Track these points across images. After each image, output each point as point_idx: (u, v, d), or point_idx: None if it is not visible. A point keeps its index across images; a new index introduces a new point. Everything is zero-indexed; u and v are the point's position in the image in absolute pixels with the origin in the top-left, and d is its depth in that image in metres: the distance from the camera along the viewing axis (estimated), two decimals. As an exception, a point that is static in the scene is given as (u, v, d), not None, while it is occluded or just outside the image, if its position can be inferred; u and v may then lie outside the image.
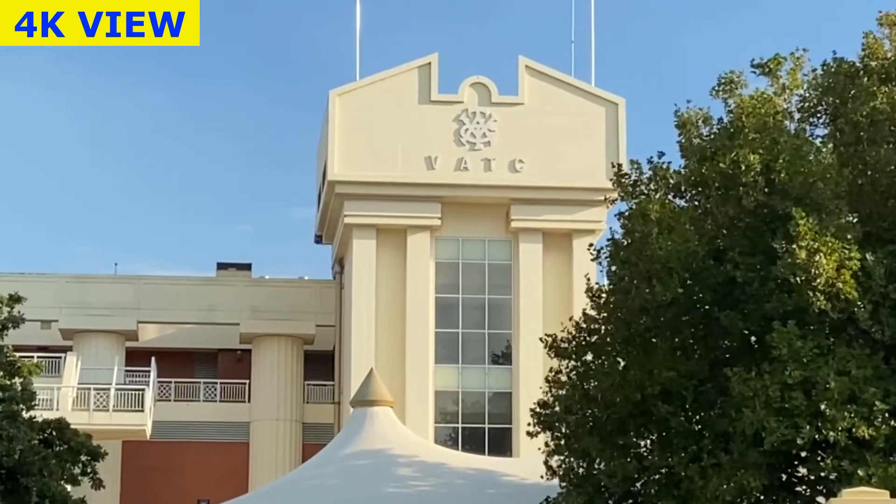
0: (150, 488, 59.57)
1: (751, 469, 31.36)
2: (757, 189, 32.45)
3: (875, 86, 33.51)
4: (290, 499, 45.74)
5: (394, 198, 61.02)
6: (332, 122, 61.33)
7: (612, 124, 61.49)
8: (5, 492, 32.43)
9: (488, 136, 61.15)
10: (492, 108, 61.62)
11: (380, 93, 61.71)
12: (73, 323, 66.41)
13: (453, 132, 61.14)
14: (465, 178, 60.92)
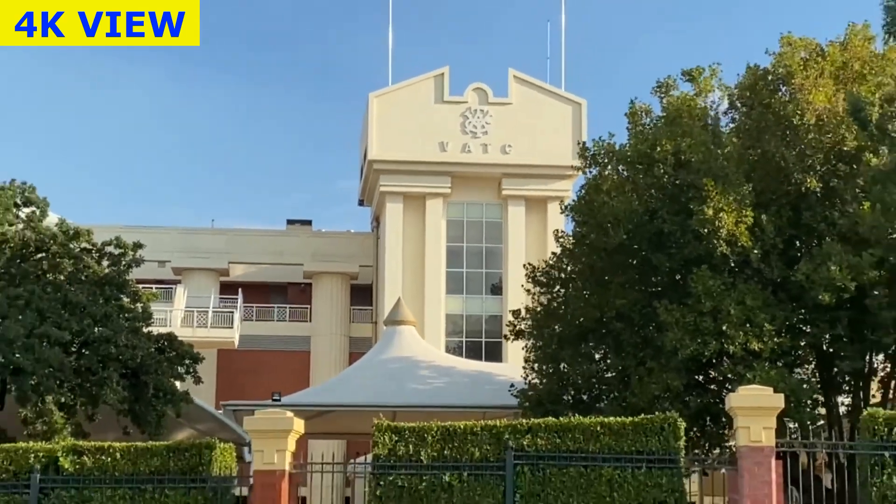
0: (236, 384, 59.85)
1: (672, 373, 31.59)
2: (668, 164, 32.67)
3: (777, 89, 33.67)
4: (340, 392, 46.00)
5: (416, 172, 61.26)
6: (371, 116, 61.68)
7: (577, 118, 61.74)
8: (130, 386, 32.54)
9: (486, 127, 61.35)
10: (488, 107, 61.84)
11: (406, 95, 61.93)
12: (181, 263, 66.79)
13: (460, 124, 61.36)
14: (468, 158, 61.17)
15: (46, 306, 30.88)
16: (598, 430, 16.98)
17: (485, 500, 16.79)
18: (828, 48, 33.94)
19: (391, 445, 17.15)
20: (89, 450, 17.72)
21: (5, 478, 17.44)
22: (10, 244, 33.31)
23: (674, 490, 16.73)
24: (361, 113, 65.07)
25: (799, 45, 34.17)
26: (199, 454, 17.52)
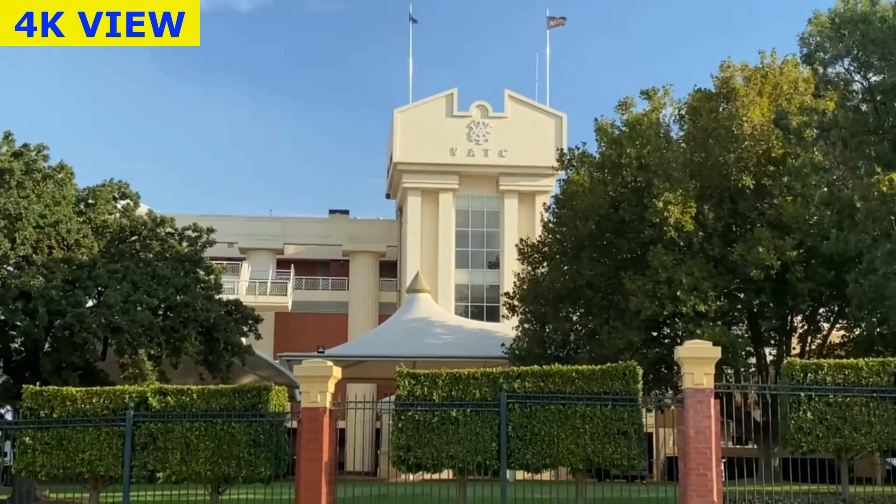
0: (290, 340, 59.91)
1: (634, 330, 31.63)
2: (632, 168, 32.66)
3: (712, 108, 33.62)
4: (371, 345, 46.13)
5: (431, 172, 61.22)
6: (395, 127, 61.58)
7: (558, 129, 61.53)
8: (205, 341, 32.55)
9: (486, 136, 61.20)
10: (488, 120, 61.68)
11: (423, 111, 61.81)
12: (246, 244, 66.69)
13: (465, 134, 61.18)
14: (473, 160, 61.06)
15: (139, 279, 30.91)
16: (573, 376, 17.01)
17: (484, 430, 16.85)
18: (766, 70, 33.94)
19: (410, 388, 17.20)
20: (172, 392, 17.79)
21: (107, 413, 17.52)
22: (110, 230, 33.36)
23: (633, 423, 16.77)
24: (388, 124, 65.01)
25: (735, 69, 34.16)
26: (258, 395, 17.57)
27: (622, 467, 16.84)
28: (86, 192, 33.58)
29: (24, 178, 31.12)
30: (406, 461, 16.95)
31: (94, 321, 29.13)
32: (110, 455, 17.26)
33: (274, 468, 17.20)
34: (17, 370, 31.60)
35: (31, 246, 30.15)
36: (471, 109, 61.83)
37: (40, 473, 17.55)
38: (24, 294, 29.24)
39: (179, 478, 17.29)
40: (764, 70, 33.87)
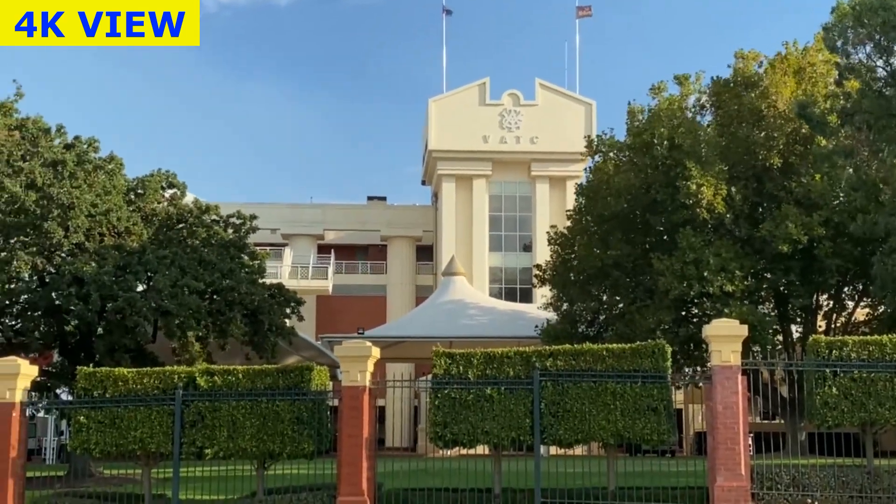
0: (330, 322, 60.21)
1: (664, 310, 31.47)
2: (663, 147, 32.40)
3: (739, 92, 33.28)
4: (408, 326, 46.24)
5: (465, 159, 61.24)
6: (430, 117, 61.62)
7: (588, 115, 61.37)
8: (250, 323, 32.75)
9: (518, 123, 61.13)
10: (520, 108, 61.56)
11: (456, 100, 61.75)
12: (288, 230, 67.01)
13: (498, 122, 61.14)
14: (505, 147, 61.05)
15: (186, 264, 31.13)
16: (604, 354, 16.95)
17: (518, 407, 16.84)
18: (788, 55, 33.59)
19: (446, 367, 17.21)
20: (219, 372, 17.89)
21: (157, 393, 17.65)
22: (158, 217, 33.60)
23: (663, 399, 16.68)
24: (423, 113, 64.98)
25: (750, 58, 33.93)
26: (301, 374, 17.63)
27: (652, 442, 16.78)
28: (135, 181, 33.85)
29: (77, 168, 31.41)
30: (443, 437, 16.98)
31: (144, 305, 29.41)
32: (161, 432, 17.42)
33: (317, 444, 17.28)
34: (71, 352, 31.99)
35: (84, 234, 30.44)
36: (503, 98, 61.72)
37: (95, 451, 17.72)
38: (77, 280, 29.57)
39: (227, 454, 17.42)
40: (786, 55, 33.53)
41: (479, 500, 16.91)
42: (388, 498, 17.18)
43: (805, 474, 16.70)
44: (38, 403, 21.87)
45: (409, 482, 18.72)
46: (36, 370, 19.02)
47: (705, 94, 35.29)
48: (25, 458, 18.32)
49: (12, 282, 29.75)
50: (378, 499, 17.18)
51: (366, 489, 16.86)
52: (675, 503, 16.47)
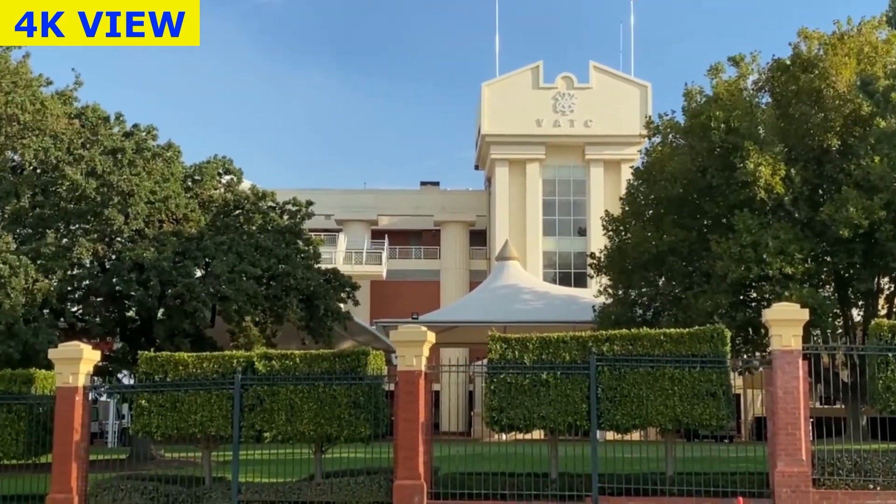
0: (385, 307, 60.46)
1: (722, 294, 31.11)
2: (720, 131, 31.96)
3: (798, 73, 32.73)
4: (463, 311, 46.28)
5: (518, 143, 61.00)
6: (483, 101, 61.41)
7: (643, 98, 60.69)
8: (306, 308, 33.00)
9: (572, 106, 60.67)
10: (574, 91, 61.10)
11: (509, 84, 61.50)
12: (342, 215, 67.27)
13: (551, 105, 60.76)
14: (558, 131, 60.67)
15: (243, 250, 31.41)
16: (662, 339, 16.80)
17: (574, 392, 16.76)
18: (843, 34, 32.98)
19: (501, 352, 17.17)
20: (277, 356, 18.02)
21: (216, 377, 17.83)
22: (216, 204, 33.93)
23: (722, 384, 16.51)
24: (476, 98, 64.84)
25: (813, 37, 33.31)
26: (358, 359, 17.69)
27: (711, 427, 16.63)
28: (192, 168, 34.20)
29: (136, 156, 31.80)
30: (499, 422, 16.96)
31: (202, 290, 29.74)
32: (220, 416, 17.60)
33: (373, 428, 17.35)
34: (132, 337, 32.47)
35: (143, 220, 30.83)
36: (556, 81, 61.34)
37: (156, 434, 17.96)
38: (137, 266, 29.98)
39: (285, 437, 17.55)
40: (841, 34, 32.89)
41: (536, 485, 16.87)
42: (445, 482, 17.20)
43: (867, 460, 16.43)
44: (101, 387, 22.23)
45: (465, 466, 18.73)
46: (98, 355, 19.32)
47: (763, 75, 34.76)
48: (88, 441, 18.63)
49: (74, 268, 30.25)
50: (435, 483, 17.22)
51: (422, 473, 16.92)
52: (735, 488, 16.29)
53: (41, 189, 31.40)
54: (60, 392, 18.08)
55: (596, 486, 16.56)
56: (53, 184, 31.11)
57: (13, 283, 28.00)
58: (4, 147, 32.25)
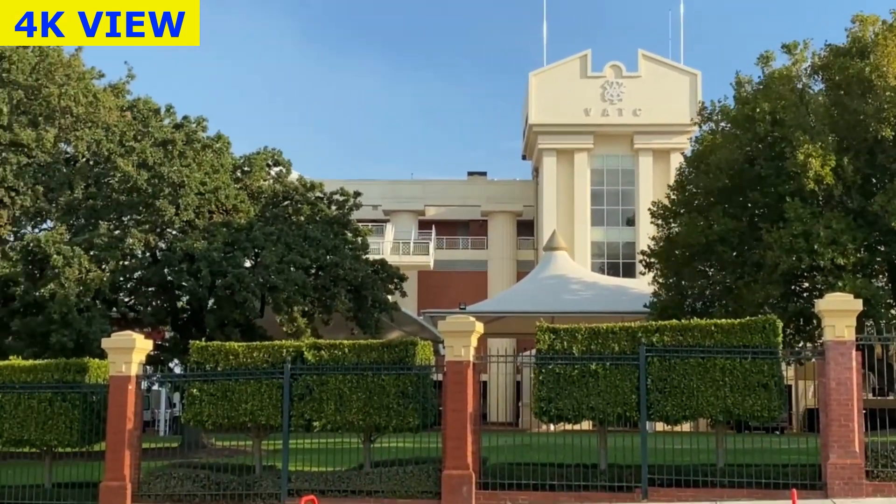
0: (432, 297, 60.54)
1: (773, 284, 30.77)
2: (765, 122, 31.59)
3: (852, 60, 32.18)
4: (510, 302, 46.18)
5: (566, 133, 60.65)
6: (531, 90, 61.14)
7: (693, 86, 60.01)
8: (354, 299, 33.13)
9: (620, 95, 60.20)
10: (622, 79, 60.61)
11: (557, 73, 61.16)
12: (390, 206, 67.45)
13: (600, 94, 60.33)
14: (607, 120, 60.24)
15: (292, 240, 31.59)
16: (713, 330, 16.62)
17: (623, 383, 16.65)
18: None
19: (550, 342, 17.09)
20: (326, 346, 18.08)
21: (266, 367, 17.94)
22: (265, 195, 34.15)
23: (773, 375, 16.31)
24: (523, 88, 64.61)
25: (868, 22, 32.74)
26: (406, 349, 17.70)
27: (762, 419, 16.44)
28: (242, 160, 34.45)
29: (186, 148, 32.10)
30: (548, 412, 16.90)
31: (252, 281, 29.97)
32: (270, 405, 17.71)
33: (421, 418, 17.37)
34: (183, 327, 32.82)
35: (194, 211, 31.11)
36: (605, 70, 60.91)
37: (207, 422, 18.11)
38: (188, 256, 30.28)
39: (334, 426, 17.62)
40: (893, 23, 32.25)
41: (585, 476, 16.79)
42: (494, 472, 17.18)
43: (922, 452, 16.14)
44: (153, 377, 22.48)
45: (514, 457, 18.70)
46: (150, 344, 19.52)
47: (817, 61, 34.22)
48: (141, 429, 18.86)
49: (126, 259, 30.63)
50: (483, 473, 17.21)
51: (471, 463, 16.91)
52: (787, 480, 16.09)
53: (94, 180, 31.83)
54: (113, 381, 18.30)
55: (645, 477, 16.45)
56: (106, 175, 31.52)
57: (67, 273, 28.43)
58: (58, 139, 32.74)
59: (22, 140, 31.21)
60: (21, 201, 30.84)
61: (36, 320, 28.65)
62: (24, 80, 32.77)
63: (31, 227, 32.96)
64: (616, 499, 16.41)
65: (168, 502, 17.82)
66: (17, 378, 18.84)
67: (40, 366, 19.17)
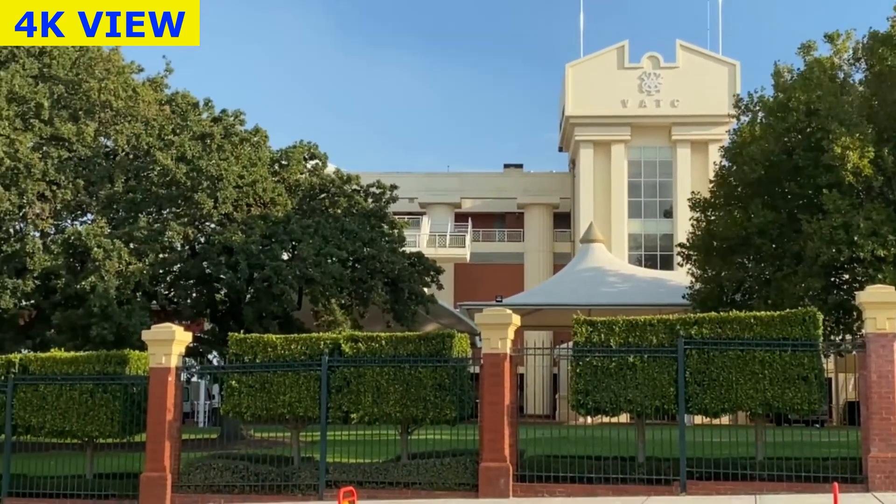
0: (469, 289, 60.51)
1: (813, 276, 30.46)
2: (800, 113, 31.24)
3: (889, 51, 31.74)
4: (547, 294, 46.07)
5: (603, 125, 60.34)
6: (567, 82, 60.89)
7: (732, 76, 59.47)
8: (391, 291, 33.24)
9: (658, 86, 59.77)
10: (660, 70, 60.19)
11: (594, 64, 60.85)
12: (426, 199, 67.43)
13: (637, 85, 59.93)
14: (644, 111, 59.85)
15: (329, 233, 31.72)
16: (752, 322, 16.47)
17: (661, 375, 16.55)
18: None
19: (587, 334, 17.02)
20: (363, 338, 18.12)
21: (304, 359, 18.01)
22: (302, 188, 34.32)
23: (814, 368, 16.14)
24: (559, 79, 64.36)
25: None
26: (443, 341, 17.69)
27: (802, 412, 16.27)
28: (279, 153, 34.64)
29: (224, 141, 32.32)
30: (585, 405, 16.84)
31: (289, 273, 30.13)
32: (308, 397, 17.78)
33: (458, 410, 17.38)
34: (222, 319, 33.08)
35: (232, 204, 31.33)
36: (642, 61, 60.55)
37: (245, 414, 18.22)
38: (226, 249, 30.51)
39: (372, 419, 17.67)
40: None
41: (623, 468, 16.72)
42: (531, 464, 17.15)
43: (967, 446, 15.90)
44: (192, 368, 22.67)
45: (551, 449, 18.67)
46: (189, 336, 19.67)
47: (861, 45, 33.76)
48: (181, 420, 19.02)
49: (165, 251, 30.90)
50: (520, 465, 17.19)
51: (508, 455, 16.90)
52: (827, 473, 15.93)
53: (134, 174, 32.13)
54: (153, 372, 18.47)
55: (684, 470, 16.36)
56: (145, 169, 31.80)
57: (107, 266, 28.74)
58: (99, 133, 33.07)
59: (63, 134, 31.56)
60: (62, 195, 31.20)
61: (76, 313, 28.97)
62: (65, 75, 33.13)
63: (72, 220, 33.35)
64: (654, 492, 16.33)
65: (207, 493, 17.96)
66: (59, 370, 19.05)
67: (81, 357, 19.37)
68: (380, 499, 16.96)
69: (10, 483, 18.91)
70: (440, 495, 16.96)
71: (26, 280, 29.00)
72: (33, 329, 32.15)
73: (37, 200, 30.71)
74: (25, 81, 31.68)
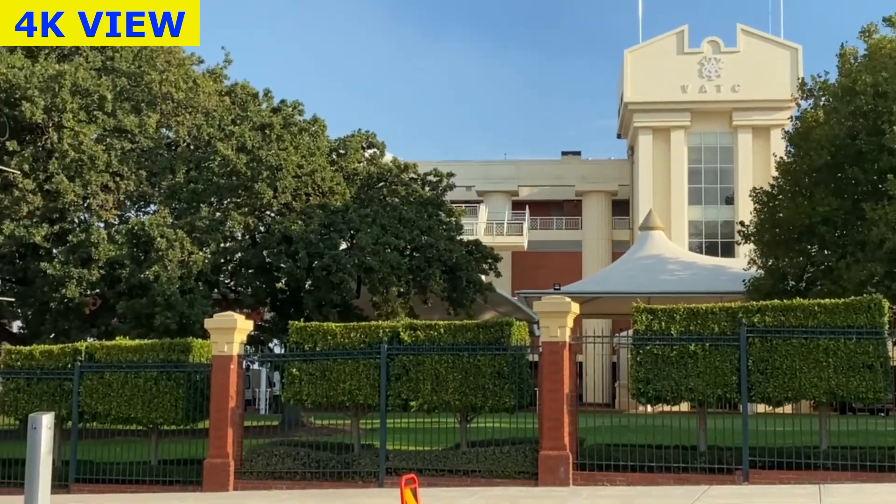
0: (527, 277, 60.44)
1: (877, 262, 29.93)
2: (867, 95, 30.62)
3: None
4: (606, 282, 45.84)
5: (662, 111, 59.77)
6: (626, 68, 60.42)
7: (793, 61, 58.56)
8: (449, 280, 33.26)
9: (718, 71, 59.09)
10: (720, 55, 59.50)
11: (653, 50, 60.26)
12: (483, 186, 67.40)
13: (697, 70, 59.30)
14: (704, 97, 59.21)
15: (387, 222, 31.81)
16: (816, 310, 16.22)
17: (723, 364, 16.37)
18: None
19: (647, 323, 16.88)
20: (421, 326, 18.15)
21: (363, 347, 18.11)
22: (360, 177, 34.46)
23: (879, 356, 15.86)
24: (617, 66, 63.81)
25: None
26: (501, 329, 17.65)
27: (867, 400, 15.99)
28: (337, 142, 34.81)
29: (283, 131, 32.57)
30: (645, 393, 16.72)
31: (348, 262, 30.30)
32: (368, 385, 17.88)
33: (517, 399, 17.34)
34: (282, 307, 33.39)
35: (291, 194, 31.56)
36: (702, 46, 59.84)
37: (306, 401, 18.37)
38: (286, 238, 30.76)
39: (431, 406, 17.71)
40: None
41: (684, 458, 16.58)
42: (591, 453, 17.08)
43: None
44: (254, 356, 22.91)
45: (611, 438, 18.56)
46: (251, 325, 19.87)
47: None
48: (243, 407, 19.24)
49: (226, 241, 31.26)
50: (580, 454, 17.12)
51: (568, 444, 16.84)
52: (892, 463, 15.64)
53: (195, 165, 32.52)
54: (216, 360, 18.69)
55: (746, 460, 16.17)
56: (206, 159, 32.17)
57: (170, 255, 29.15)
58: (160, 124, 33.52)
59: (125, 126, 32.04)
60: (125, 186, 31.69)
61: (140, 302, 29.43)
62: (127, 67, 33.61)
63: (136, 210, 33.87)
64: (716, 481, 16.17)
65: (269, 479, 18.16)
66: (124, 357, 19.36)
67: (146, 346, 19.67)
68: (439, 486, 17.00)
69: (77, 469, 19.27)
70: (500, 483, 16.96)
71: (91, 270, 29.51)
72: (99, 318, 32.75)
73: (101, 191, 31.23)
74: (89, 74, 32.19)
